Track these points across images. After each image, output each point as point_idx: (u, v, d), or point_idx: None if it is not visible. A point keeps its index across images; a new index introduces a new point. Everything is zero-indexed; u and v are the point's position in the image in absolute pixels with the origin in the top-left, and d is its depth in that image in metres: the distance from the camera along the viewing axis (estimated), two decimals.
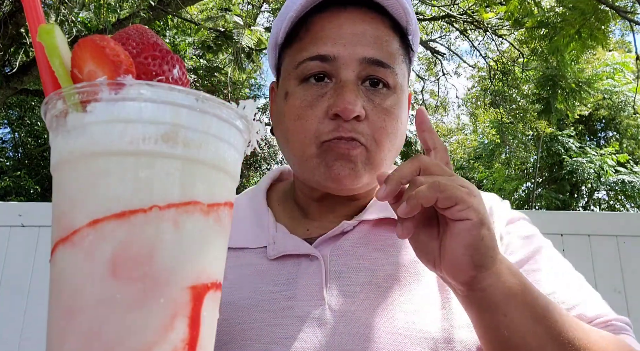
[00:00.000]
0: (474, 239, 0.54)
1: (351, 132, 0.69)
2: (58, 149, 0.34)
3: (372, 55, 0.70)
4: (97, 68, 0.32)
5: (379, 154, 0.72)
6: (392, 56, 0.73)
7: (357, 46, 0.70)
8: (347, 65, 0.70)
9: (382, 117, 0.71)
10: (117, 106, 0.32)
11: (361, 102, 0.69)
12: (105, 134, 0.32)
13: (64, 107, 0.33)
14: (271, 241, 0.75)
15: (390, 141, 0.73)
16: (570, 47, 5.24)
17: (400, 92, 0.74)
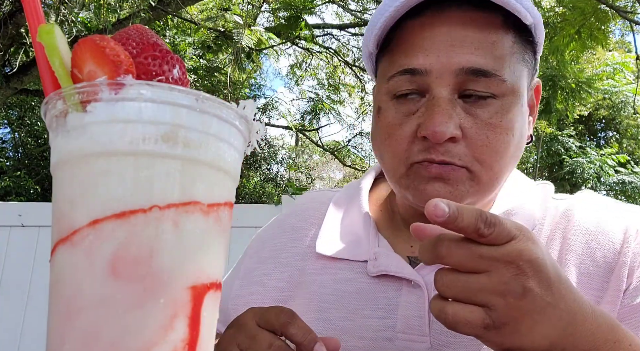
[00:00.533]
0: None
1: (444, 156, 0.61)
2: (58, 149, 0.34)
3: (473, 64, 0.60)
4: (97, 68, 0.32)
5: (485, 174, 0.63)
6: (500, 60, 0.62)
7: (453, 56, 0.60)
8: (440, 78, 0.61)
9: (484, 134, 0.61)
10: (117, 106, 0.32)
11: (457, 121, 0.60)
12: (105, 134, 0.32)
13: (64, 107, 0.33)
14: (372, 256, 0.69)
15: (500, 158, 0.63)
16: (570, 47, 5.24)
17: (512, 100, 0.63)
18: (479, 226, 0.45)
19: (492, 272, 0.45)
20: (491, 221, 0.45)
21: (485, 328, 0.45)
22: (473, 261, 0.45)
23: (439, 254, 0.46)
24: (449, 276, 0.46)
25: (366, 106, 10.38)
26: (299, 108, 12.21)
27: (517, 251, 0.45)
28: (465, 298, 0.46)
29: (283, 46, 8.36)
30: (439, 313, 0.46)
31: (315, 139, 11.74)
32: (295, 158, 14.75)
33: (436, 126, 0.59)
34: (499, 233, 0.45)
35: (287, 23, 6.50)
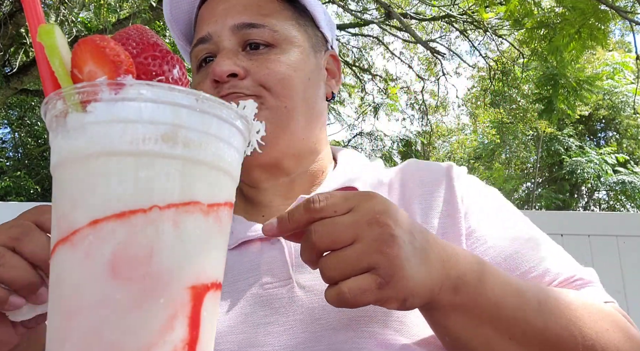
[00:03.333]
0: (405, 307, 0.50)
1: (230, 89, 0.70)
2: (58, 150, 0.34)
3: (242, 20, 0.73)
4: (97, 68, 0.32)
5: (274, 99, 0.71)
6: (267, 17, 0.74)
7: (227, 18, 0.74)
8: (220, 37, 0.73)
9: (265, 66, 0.72)
10: (117, 106, 0.32)
11: (238, 62, 0.71)
12: (105, 134, 0.32)
13: (64, 107, 0.33)
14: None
15: (286, 87, 0.72)
16: (570, 47, 5.24)
17: (288, 46, 0.75)
18: (309, 207, 0.49)
19: (360, 236, 0.48)
20: (317, 197, 0.49)
21: (379, 287, 0.47)
22: (340, 233, 0.48)
23: (311, 242, 0.48)
24: (330, 259, 0.48)
25: (366, 106, 10.39)
26: None
27: (369, 208, 0.49)
28: (352, 270, 0.47)
29: None
30: (338, 297, 0.47)
31: None
32: None
33: (216, 65, 0.70)
34: (335, 200, 0.49)
35: None
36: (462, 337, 0.55)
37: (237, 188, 0.80)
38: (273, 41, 0.74)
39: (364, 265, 0.47)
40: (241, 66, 0.71)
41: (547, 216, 3.01)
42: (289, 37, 0.75)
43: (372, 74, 9.94)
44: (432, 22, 8.97)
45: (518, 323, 0.55)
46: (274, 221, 0.51)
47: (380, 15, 7.86)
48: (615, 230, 2.77)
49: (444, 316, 0.54)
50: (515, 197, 15.10)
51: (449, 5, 7.81)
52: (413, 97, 11.23)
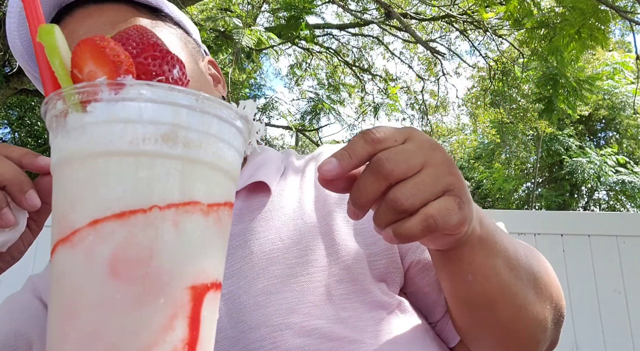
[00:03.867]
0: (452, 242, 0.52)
1: None
2: (58, 149, 0.34)
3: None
4: (97, 68, 0.32)
5: None
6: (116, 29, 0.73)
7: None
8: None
9: None
10: (117, 106, 0.32)
11: None
12: (105, 134, 0.32)
13: (64, 107, 0.33)
14: None
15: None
16: (570, 47, 5.24)
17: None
18: (369, 138, 0.46)
19: (428, 161, 0.47)
20: (373, 129, 0.47)
21: (459, 207, 0.47)
22: (412, 159, 0.46)
23: (386, 171, 0.45)
24: (406, 187, 0.45)
25: (366, 106, 10.38)
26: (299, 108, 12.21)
27: (422, 137, 0.49)
28: (432, 193, 0.46)
29: (283, 46, 8.36)
30: (426, 223, 0.45)
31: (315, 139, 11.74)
32: None
33: None
34: (391, 130, 0.48)
35: (288, 23, 6.50)
36: (483, 273, 0.56)
37: None
38: None
39: (440, 188, 0.46)
40: None
41: (547, 216, 3.02)
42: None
43: (372, 74, 9.94)
44: (432, 22, 8.96)
45: (509, 253, 0.59)
46: (333, 160, 0.46)
47: (380, 15, 7.86)
48: (615, 230, 2.78)
49: (472, 251, 0.55)
50: (515, 197, 15.10)
51: (449, 5, 7.80)
52: (413, 97, 11.23)
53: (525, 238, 2.69)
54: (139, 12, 0.76)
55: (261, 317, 0.62)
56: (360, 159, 0.46)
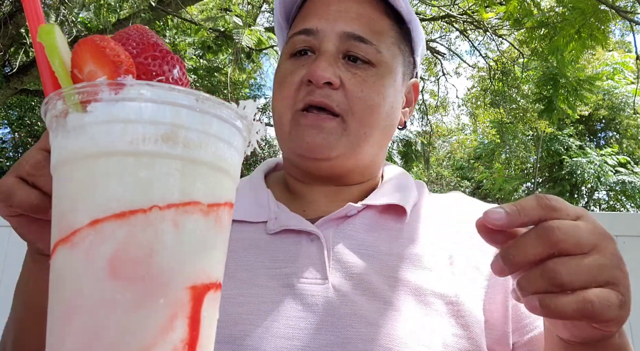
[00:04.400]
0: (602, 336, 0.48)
1: (323, 98, 0.71)
2: (58, 150, 0.34)
3: (353, 30, 0.72)
4: (97, 68, 0.32)
5: (355, 124, 0.72)
6: (377, 34, 0.74)
7: (339, 21, 0.73)
8: (327, 38, 0.73)
9: (359, 88, 0.72)
10: (117, 106, 0.32)
11: (337, 72, 0.71)
12: (105, 134, 0.32)
13: (64, 107, 0.33)
14: (272, 216, 0.74)
15: (372, 115, 0.73)
16: (570, 47, 5.24)
17: (386, 71, 0.74)
18: (544, 203, 0.45)
19: (598, 247, 0.44)
20: (547, 196, 0.46)
21: (620, 305, 0.43)
22: (583, 238, 0.44)
23: (555, 240, 0.43)
24: (570, 263, 0.43)
25: None
26: None
27: (595, 222, 0.46)
28: (594, 281, 0.43)
29: None
30: (583, 306, 0.42)
31: None
32: None
33: (317, 69, 0.70)
34: (565, 203, 0.46)
35: None
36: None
37: (285, 181, 0.84)
38: (374, 61, 0.73)
39: (604, 278, 0.43)
40: (338, 76, 0.71)
41: None
42: (389, 63, 0.75)
43: None
44: (432, 22, 8.96)
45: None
46: (501, 211, 0.45)
47: None
48: (615, 230, 2.77)
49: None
50: (516, 197, 15.10)
51: (449, 5, 7.80)
52: None
53: None
54: (387, 17, 0.77)
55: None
56: (530, 219, 0.45)
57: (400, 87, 0.79)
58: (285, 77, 0.75)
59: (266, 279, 0.67)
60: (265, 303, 0.64)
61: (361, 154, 0.75)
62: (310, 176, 0.78)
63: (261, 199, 0.78)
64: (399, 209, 0.74)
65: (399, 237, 0.72)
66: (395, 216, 0.74)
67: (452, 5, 7.77)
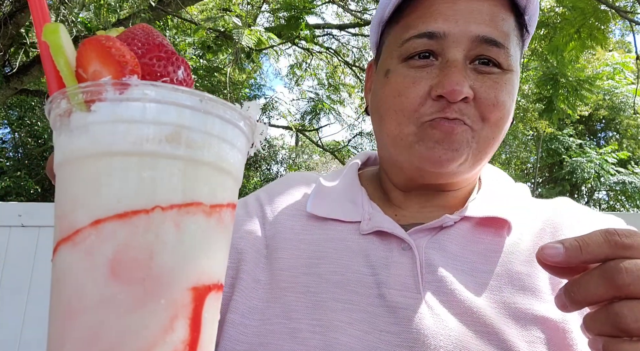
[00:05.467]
0: None
1: (457, 114, 0.64)
2: (61, 149, 0.34)
3: (487, 33, 0.65)
4: (102, 68, 0.32)
5: (486, 130, 0.66)
6: (507, 36, 0.67)
7: (471, 23, 0.65)
8: (457, 43, 0.65)
9: (492, 94, 0.65)
10: (122, 106, 0.32)
11: (469, 83, 0.64)
12: (108, 134, 0.32)
13: (68, 106, 0.33)
14: (366, 217, 0.70)
15: (503, 119, 0.67)
16: (569, 46, 5.24)
17: (513, 74, 0.68)
18: (614, 240, 0.40)
19: None
20: (623, 232, 0.40)
21: None
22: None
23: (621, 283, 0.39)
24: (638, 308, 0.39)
25: None
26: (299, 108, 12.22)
27: None
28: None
29: (283, 46, 8.37)
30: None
31: (315, 139, 11.74)
32: (295, 158, 14.76)
33: (454, 84, 0.63)
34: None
35: (287, 23, 6.50)
36: None
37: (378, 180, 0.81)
38: (504, 65, 0.67)
39: None
40: (471, 87, 0.64)
41: None
42: (515, 64, 0.69)
43: None
44: None
45: None
46: (560, 246, 0.42)
47: None
48: None
49: None
50: None
51: None
52: None
53: None
54: (512, 13, 0.68)
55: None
56: (593, 258, 0.41)
57: (517, 85, 0.72)
58: (406, 87, 0.66)
59: (357, 284, 0.64)
60: (359, 312, 0.61)
61: (482, 160, 0.69)
62: (416, 185, 0.73)
63: (355, 198, 0.75)
64: (500, 222, 0.68)
65: (498, 251, 0.66)
66: (495, 228, 0.68)
67: None
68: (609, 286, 0.40)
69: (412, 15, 0.69)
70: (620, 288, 0.40)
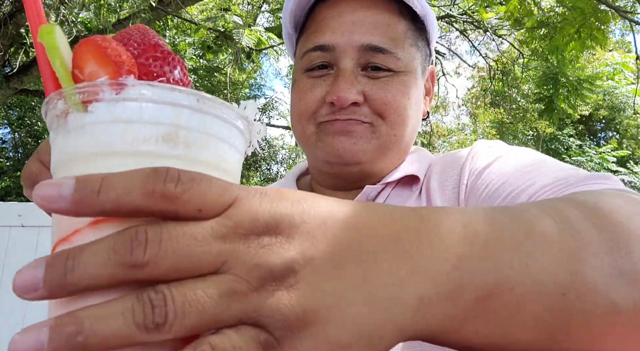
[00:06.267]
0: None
1: (349, 115, 0.70)
2: (58, 150, 0.34)
3: (370, 41, 0.70)
4: (98, 68, 0.32)
5: (385, 127, 0.71)
6: (395, 41, 0.72)
7: (355, 34, 0.71)
8: (345, 53, 0.71)
9: (383, 93, 0.71)
10: (118, 106, 0.32)
11: (359, 88, 0.70)
12: (105, 134, 0.32)
13: (65, 107, 0.33)
14: None
15: (399, 115, 0.72)
16: (569, 46, 5.24)
17: (408, 74, 0.73)
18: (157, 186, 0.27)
19: (227, 262, 0.27)
20: (178, 175, 0.27)
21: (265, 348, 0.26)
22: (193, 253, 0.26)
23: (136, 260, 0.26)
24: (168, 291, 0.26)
25: None
26: None
27: (253, 213, 0.28)
28: (215, 321, 0.26)
29: (283, 46, 8.36)
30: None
31: None
32: (295, 158, 14.77)
33: (339, 91, 0.69)
34: (201, 191, 0.27)
35: None
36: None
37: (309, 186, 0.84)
38: (395, 68, 0.72)
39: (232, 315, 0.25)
40: (361, 92, 0.70)
41: None
42: (409, 65, 0.74)
43: None
44: None
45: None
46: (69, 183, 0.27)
47: None
48: None
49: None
50: None
51: (449, 5, 7.80)
52: None
53: None
54: (403, 18, 0.74)
55: None
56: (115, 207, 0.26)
57: (421, 82, 0.78)
58: (305, 93, 0.74)
59: None
60: None
61: (390, 156, 0.75)
62: (338, 182, 0.78)
63: None
64: (414, 179, 0.76)
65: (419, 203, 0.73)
66: (411, 184, 0.76)
67: (452, 5, 7.77)
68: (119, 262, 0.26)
69: (309, 30, 0.76)
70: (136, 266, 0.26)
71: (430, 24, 0.78)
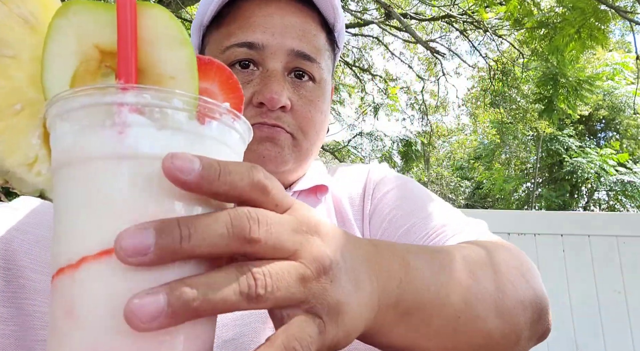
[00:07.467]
0: None
1: (275, 121, 0.70)
2: (143, 139, 0.33)
3: (301, 48, 0.71)
4: (219, 92, 0.36)
5: (305, 142, 0.74)
6: (319, 51, 0.74)
7: (286, 37, 0.71)
8: (275, 54, 0.70)
9: (307, 109, 0.72)
10: (226, 131, 0.35)
11: (287, 94, 0.70)
12: (215, 149, 0.35)
13: (184, 107, 0.32)
14: None
15: (316, 132, 0.75)
16: (569, 47, 5.24)
17: (324, 86, 0.76)
18: (259, 179, 0.32)
19: (298, 250, 0.33)
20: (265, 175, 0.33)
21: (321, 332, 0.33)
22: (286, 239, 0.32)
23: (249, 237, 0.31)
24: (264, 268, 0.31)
25: (366, 106, 10.40)
26: None
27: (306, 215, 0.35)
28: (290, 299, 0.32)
29: None
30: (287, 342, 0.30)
31: None
32: None
33: (273, 93, 0.68)
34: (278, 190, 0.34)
35: None
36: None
37: None
38: (317, 78, 0.74)
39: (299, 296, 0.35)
40: (289, 98, 0.71)
41: (547, 217, 3.01)
42: (326, 76, 0.76)
43: (372, 74, 9.93)
44: (432, 22, 8.96)
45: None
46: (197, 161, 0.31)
47: (380, 16, 7.87)
48: (615, 230, 2.78)
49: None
50: (515, 197, 15.12)
51: (449, 5, 7.81)
52: (413, 97, 11.23)
53: (525, 238, 2.70)
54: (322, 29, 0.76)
55: None
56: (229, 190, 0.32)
57: (330, 94, 0.80)
58: None
59: None
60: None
61: (303, 168, 0.78)
62: None
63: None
64: (321, 188, 0.79)
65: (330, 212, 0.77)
66: (315, 192, 0.79)
67: (452, 5, 7.77)
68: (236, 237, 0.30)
69: (232, 24, 0.73)
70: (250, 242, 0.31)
71: (340, 34, 0.80)
